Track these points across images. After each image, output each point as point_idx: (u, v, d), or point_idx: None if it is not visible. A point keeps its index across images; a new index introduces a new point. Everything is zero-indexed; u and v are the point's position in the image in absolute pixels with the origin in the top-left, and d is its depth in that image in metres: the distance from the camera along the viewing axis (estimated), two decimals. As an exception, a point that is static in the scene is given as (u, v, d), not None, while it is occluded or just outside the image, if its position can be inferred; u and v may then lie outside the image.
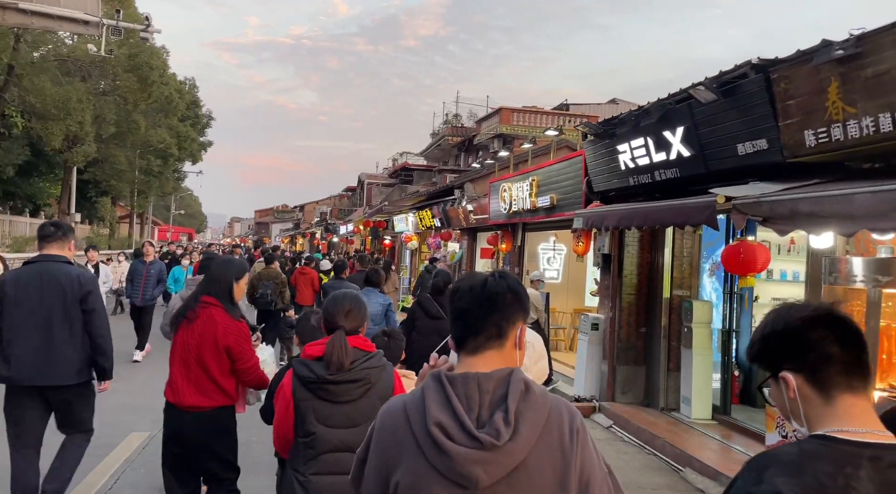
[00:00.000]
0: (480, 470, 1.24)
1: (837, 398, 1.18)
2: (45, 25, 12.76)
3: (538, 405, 1.30)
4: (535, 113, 26.05)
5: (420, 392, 1.36)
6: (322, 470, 2.46)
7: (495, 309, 1.38)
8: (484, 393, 1.30)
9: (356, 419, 2.46)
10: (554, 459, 1.29)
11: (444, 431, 1.27)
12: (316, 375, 2.44)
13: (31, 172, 26.76)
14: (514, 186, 10.63)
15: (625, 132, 6.74)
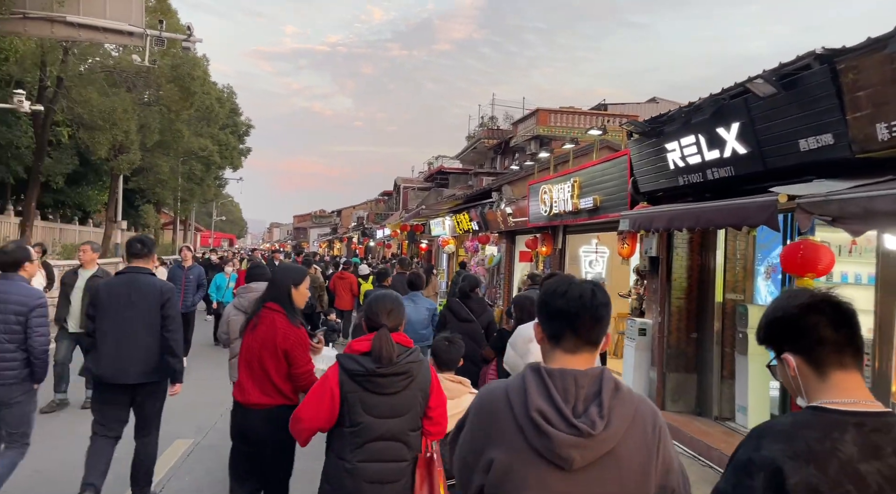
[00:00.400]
0: (576, 454, 1.42)
1: (830, 375, 1.35)
2: (92, 37, 13.08)
3: (627, 402, 1.50)
4: (572, 113, 25.69)
5: (521, 381, 1.52)
6: (369, 458, 2.62)
7: (600, 320, 1.58)
8: (580, 388, 1.48)
9: (399, 409, 2.65)
10: (639, 449, 1.48)
11: (544, 417, 1.44)
12: (365, 368, 2.61)
13: (80, 181, 27.59)
14: (554, 187, 10.40)
15: (674, 130, 6.47)
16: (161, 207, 40.27)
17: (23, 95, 10.71)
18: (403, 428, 2.66)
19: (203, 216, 65.89)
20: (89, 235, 29.53)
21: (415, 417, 2.71)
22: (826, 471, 1.24)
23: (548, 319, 1.60)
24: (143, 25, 12.88)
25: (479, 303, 6.01)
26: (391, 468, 2.64)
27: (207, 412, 6.76)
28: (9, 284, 3.97)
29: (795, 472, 1.24)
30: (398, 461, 2.66)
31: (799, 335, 1.39)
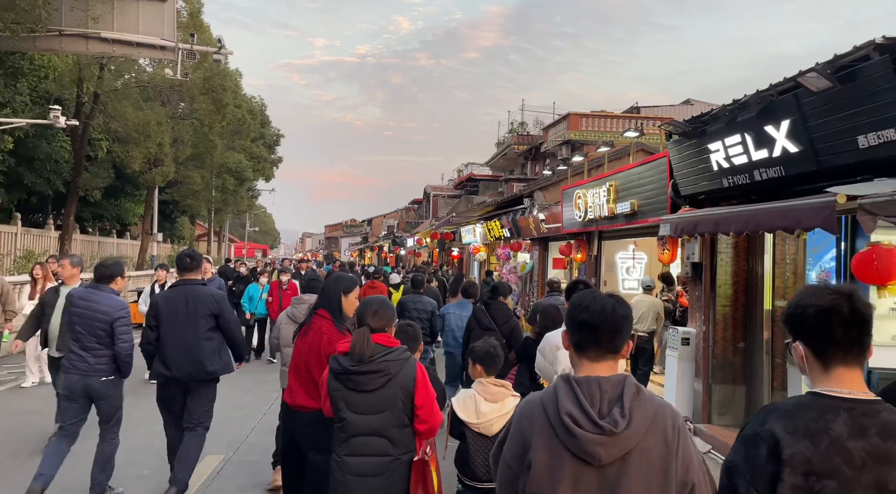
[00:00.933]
0: (601, 450, 1.61)
1: (833, 368, 1.56)
2: (126, 53, 13.30)
3: (647, 405, 1.68)
4: (604, 117, 25.26)
5: (553, 390, 1.72)
6: (353, 452, 2.80)
7: (620, 331, 1.75)
8: (604, 393, 1.67)
9: (379, 406, 2.78)
10: (659, 447, 1.64)
11: (573, 419, 1.64)
12: (342, 367, 2.81)
13: (117, 194, 28.21)
14: (589, 192, 10.11)
15: (717, 129, 6.15)
16: (196, 218, 41.02)
17: (59, 111, 10.90)
18: (385, 425, 2.79)
19: (237, 227, 66.86)
20: (127, 247, 30.16)
21: (397, 414, 2.81)
22: (818, 446, 1.49)
23: (573, 330, 1.81)
24: (175, 39, 13.04)
25: (502, 312, 5.98)
26: (374, 462, 2.79)
27: (239, 427, 6.66)
28: (99, 294, 4.59)
29: (792, 445, 1.50)
30: (381, 455, 2.79)
31: (812, 334, 1.59)
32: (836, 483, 1.49)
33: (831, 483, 1.49)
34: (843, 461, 1.49)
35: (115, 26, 12.70)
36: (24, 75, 16.73)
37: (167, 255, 32.47)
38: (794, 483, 1.50)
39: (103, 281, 4.66)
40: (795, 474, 1.50)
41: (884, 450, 1.49)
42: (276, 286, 10.42)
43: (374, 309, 2.95)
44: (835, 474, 1.49)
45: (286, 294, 10.07)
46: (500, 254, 17.48)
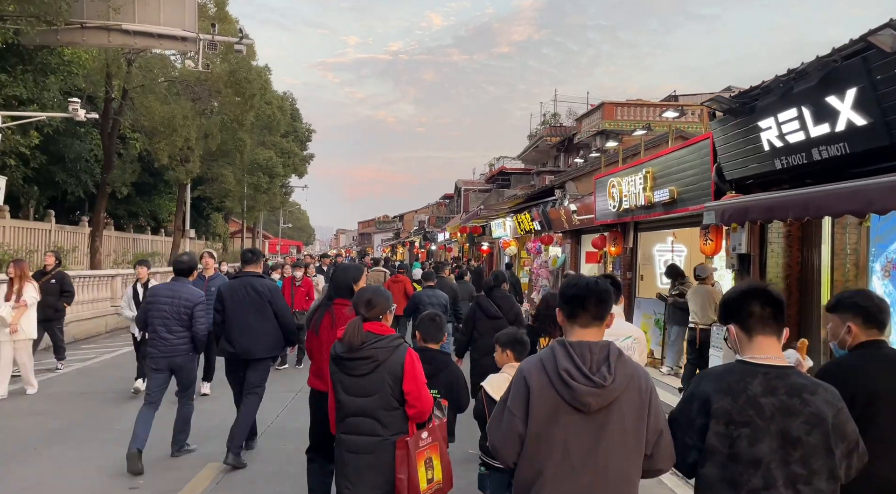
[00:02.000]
0: (592, 400, 2.01)
1: (755, 339, 2.03)
2: (147, 44, 13.12)
3: (627, 365, 2.09)
4: (640, 106, 24.30)
5: (550, 350, 2.12)
6: (348, 431, 3.02)
7: (603, 301, 2.16)
8: (593, 354, 2.07)
9: (368, 389, 2.97)
10: (635, 400, 2.06)
11: (569, 374, 2.03)
12: (336, 352, 3.04)
13: (150, 192, 28.45)
14: (623, 180, 9.46)
15: (769, 104, 5.49)
16: (229, 215, 41.32)
17: (77, 103, 10.75)
18: (374, 407, 2.98)
19: (272, 224, 67.47)
20: (161, 244, 30.42)
21: (385, 397, 2.97)
22: (737, 401, 1.95)
23: (565, 302, 2.17)
24: (196, 30, 12.79)
25: (505, 299, 6.04)
26: (365, 441, 2.98)
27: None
28: (181, 285, 5.48)
29: (718, 401, 1.97)
30: (371, 435, 2.98)
31: (737, 311, 2.06)
32: (749, 430, 1.91)
33: (745, 430, 1.92)
34: (756, 413, 1.91)
35: (136, 18, 12.50)
36: (53, 72, 16.77)
37: (200, 251, 32.76)
38: (718, 431, 1.94)
39: (182, 275, 5.58)
40: (719, 423, 1.94)
41: (789, 405, 1.91)
42: (288, 283, 9.78)
43: (366, 298, 3.11)
44: (748, 423, 1.92)
45: (299, 291, 9.55)
46: (530, 248, 16.87)
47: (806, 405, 1.90)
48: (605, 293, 2.15)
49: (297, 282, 9.73)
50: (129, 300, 7.59)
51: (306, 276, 10.10)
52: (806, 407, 1.90)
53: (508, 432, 2.10)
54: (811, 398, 1.91)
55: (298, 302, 9.35)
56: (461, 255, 27.73)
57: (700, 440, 1.97)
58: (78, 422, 6.59)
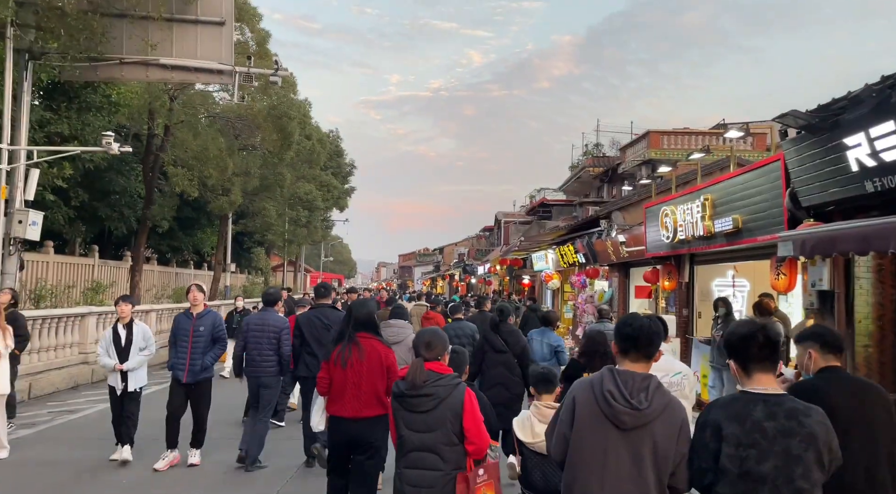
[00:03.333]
0: (628, 419, 2.39)
1: (753, 375, 2.36)
2: (184, 78, 13.10)
3: (664, 396, 2.44)
4: (688, 134, 23.38)
5: (600, 374, 2.52)
6: (409, 465, 3.23)
7: (652, 343, 2.53)
8: (635, 382, 2.44)
9: (431, 425, 3.19)
10: (668, 426, 2.39)
11: (611, 395, 2.43)
12: (399, 390, 3.28)
13: (193, 226, 28.76)
14: (678, 209, 8.68)
15: (858, 117, 4.74)
16: (271, 249, 41.61)
17: (111, 137, 10.67)
18: (436, 442, 3.14)
19: (314, 257, 68.01)
20: (203, 278, 30.60)
21: (447, 433, 3.14)
22: (744, 425, 2.27)
23: (620, 339, 2.58)
24: (233, 63, 12.71)
25: (511, 334, 6.12)
26: (427, 475, 3.14)
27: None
28: (269, 314, 6.36)
29: (727, 427, 2.29)
30: (433, 469, 3.14)
31: (737, 353, 2.41)
32: (756, 451, 2.25)
33: (753, 451, 2.25)
34: (761, 436, 2.25)
35: (173, 52, 12.50)
36: (98, 110, 17.08)
37: (241, 285, 32.81)
38: (729, 453, 2.28)
39: (269, 305, 6.48)
40: (729, 446, 2.28)
41: (788, 427, 2.25)
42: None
43: (426, 341, 3.35)
44: (755, 445, 2.26)
45: None
46: (574, 282, 16.04)
47: (802, 427, 2.23)
48: (655, 336, 2.53)
49: None
50: (109, 345, 6.28)
51: None
52: (802, 428, 2.23)
53: (557, 434, 2.58)
54: (806, 419, 2.24)
55: None
56: (501, 288, 26.96)
57: (714, 462, 2.29)
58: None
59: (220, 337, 6.30)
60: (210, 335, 6.21)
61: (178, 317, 6.38)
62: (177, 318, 6.38)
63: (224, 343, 6.44)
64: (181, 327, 6.22)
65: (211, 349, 6.22)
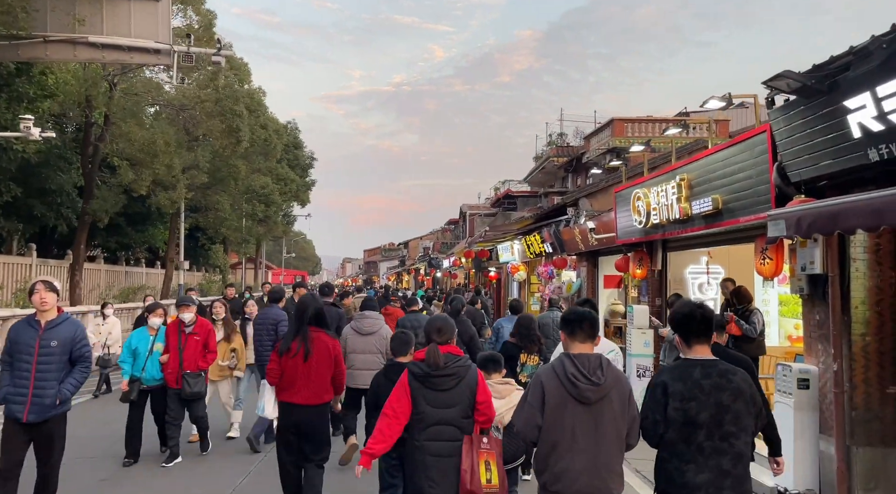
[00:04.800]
0: (591, 395, 2.95)
1: (692, 346, 2.98)
2: (117, 58, 12.03)
3: (614, 370, 3.05)
4: (652, 122, 23.06)
5: (560, 360, 3.05)
6: (430, 438, 3.57)
7: (594, 325, 3.15)
8: (590, 362, 2.99)
9: (451, 402, 3.59)
10: (620, 394, 3.01)
11: (575, 377, 2.96)
12: (423, 371, 3.61)
13: (143, 222, 27.27)
14: (651, 191, 8.11)
15: (863, 74, 4.17)
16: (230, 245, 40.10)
17: (31, 121, 9.61)
18: (455, 416, 3.57)
19: (277, 254, 66.29)
20: (157, 277, 29.14)
21: (464, 408, 3.60)
22: (686, 383, 2.86)
23: (567, 325, 3.15)
24: (171, 42, 11.70)
25: (462, 323, 7.00)
26: (447, 446, 3.56)
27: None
28: (271, 309, 7.23)
29: (672, 385, 2.87)
30: (451, 440, 3.56)
31: (679, 327, 3.02)
32: (695, 403, 2.82)
33: (693, 403, 2.82)
34: (699, 391, 2.84)
35: (104, 30, 11.46)
36: (31, 100, 15.79)
37: (197, 284, 31.40)
38: (675, 406, 2.84)
39: (274, 301, 7.40)
40: (675, 401, 2.85)
41: (721, 383, 2.85)
42: (173, 331, 6.41)
43: (437, 327, 3.82)
44: (694, 398, 2.83)
45: (192, 343, 6.32)
46: (541, 272, 15.47)
47: (731, 383, 2.86)
48: (595, 320, 3.17)
49: (187, 329, 6.40)
50: None
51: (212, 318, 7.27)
52: (731, 384, 2.86)
53: (528, 419, 3.03)
54: (734, 377, 2.89)
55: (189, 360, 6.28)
56: (467, 281, 26.33)
57: (664, 414, 2.87)
58: None
59: (83, 356, 4.50)
60: (67, 353, 4.42)
61: (15, 326, 4.48)
62: (14, 327, 4.47)
63: (87, 365, 4.54)
64: (21, 340, 4.36)
65: (69, 375, 4.42)
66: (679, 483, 2.79)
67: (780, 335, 9.32)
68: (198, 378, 6.33)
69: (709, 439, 2.77)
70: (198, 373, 6.34)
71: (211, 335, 6.59)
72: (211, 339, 6.57)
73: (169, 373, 6.30)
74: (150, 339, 6.39)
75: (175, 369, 6.27)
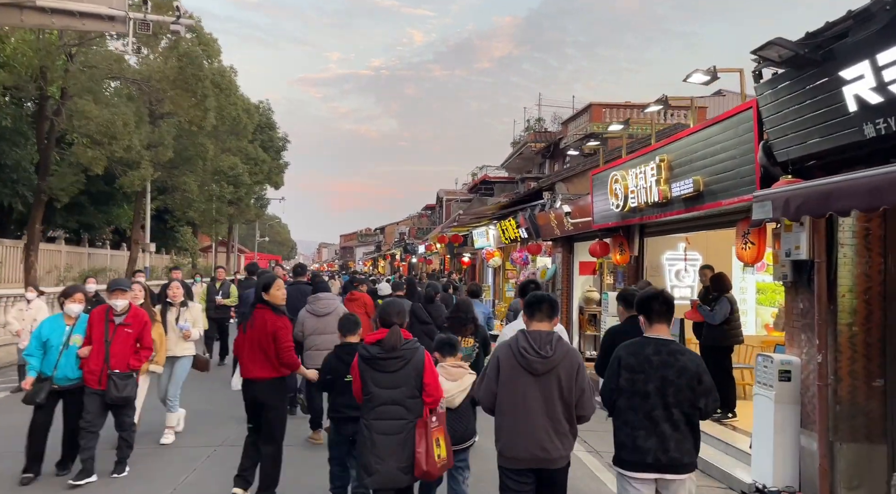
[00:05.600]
0: (539, 366, 3.31)
1: (653, 325, 3.41)
2: (67, 24, 11.23)
3: (563, 346, 3.40)
4: (630, 108, 22.77)
5: (516, 336, 3.43)
6: (378, 417, 3.76)
7: (553, 306, 3.53)
8: (542, 338, 3.35)
9: (398, 382, 3.78)
10: (569, 368, 3.34)
11: (525, 350, 3.33)
12: (371, 354, 3.82)
13: (108, 201, 26.26)
14: (629, 173, 7.75)
15: (862, 41, 3.81)
16: (199, 228, 39.08)
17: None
18: (402, 396, 3.77)
19: (250, 238, 65.14)
20: (121, 259, 28.20)
21: (410, 388, 3.79)
22: (638, 357, 3.31)
23: (528, 306, 3.54)
24: (126, 9, 10.97)
25: (436, 308, 7.17)
26: (394, 424, 3.75)
27: None
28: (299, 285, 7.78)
29: (626, 359, 3.34)
30: (398, 419, 3.76)
31: (644, 308, 3.43)
32: (643, 375, 3.27)
33: (641, 375, 3.27)
34: (648, 365, 3.28)
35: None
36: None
37: (165, 266, 30.49)
38: (626, 377, 3.31)
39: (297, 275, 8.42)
40: (626, 372, 3.32)
41: (668, 361, 3.27)
42: (98, 320, 5.41)
43: (396, 310, 3.98)
44: (643, 370, 3.28)
45: (123, 336, 5.37)
46: (516, 258, 15.13)
47: (677, 361, 3.28)
48: (553, 302, 3.55)
49: (118, 318, 5.40)
50: None
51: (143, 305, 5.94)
52: (677, 362, 3.27)
53: (486, 389, 3.47)
54: (682, 357, 3.31)
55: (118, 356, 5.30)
56: (442, 267, 25.94)
57: (616, 384, 3.33)
58: None
59: None
60: None
61: None
62: None
63: None
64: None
65: None
66: (631, 446, 3.27)
67: (757, 323, 9.10)
68: (128, 380, 5.28)
69: (655, 409, 3.23)
70: (128, 373, 5.31)
71: (146, 329, 5.53)
72: (146, 333, 5.52)
73: (89, 372, 5.22)
74: (65, 329, 5.34)
75: (99, 366, 5.20)
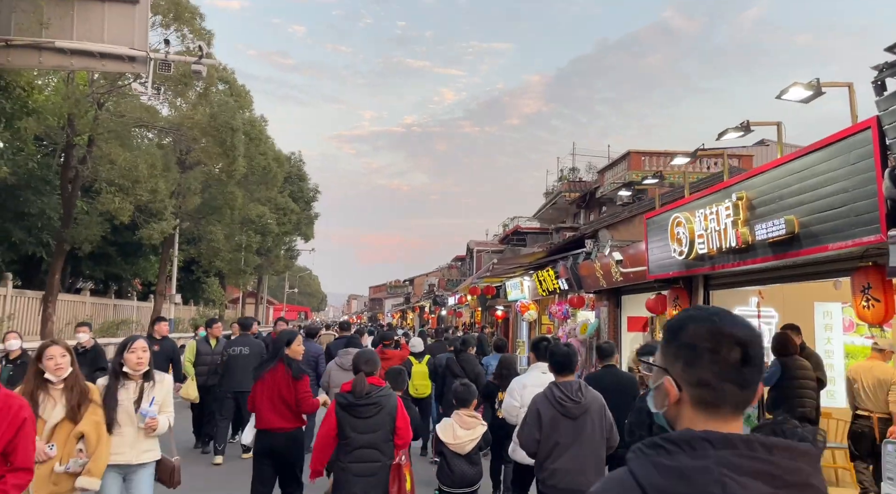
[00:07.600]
0: (575, 411, 3.98)
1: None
2: (87, 65, 10.90)
3: (591, 392, 4.10)
4: (670, 155, 21.81)
5: (550, 388, 4.08)
6: (355, 460, 4.03)
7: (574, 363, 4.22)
8: (572, 387, 4.04)
9: (374, 427, 4.07)
10: (598, 411, 4.04)
11: (562, 399, 4.00)
12: (347, 401, 4.10)
13: (136, 252, 26.01)
14: (696, 214, 6.69)
15: None
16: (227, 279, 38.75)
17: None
18: (377, 440, 4.07)
19: (281, 289, 65.02)
20: (147, 311, 27.75)
21: (385, 433, 4.10)
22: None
23: (553, 363, 4.22)
24: (147, 49, 10.58)
25: (467, 362, 7.40)
26: (369, 467, 4.04)
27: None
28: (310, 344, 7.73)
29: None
30: (374, 462, 4.06)
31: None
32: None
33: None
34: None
35: (74, 34, 10.35)
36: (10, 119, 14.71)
37: (190, 318, 29.96)
38: None
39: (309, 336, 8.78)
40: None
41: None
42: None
43: (365, 359, 4.32)
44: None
45: None
46: (554, 312, 13.96)
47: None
48: (575, 358, 4.18)
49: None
50: None
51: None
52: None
53: (528, 436, 3.98)
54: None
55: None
56: (473, 321, 24.74)
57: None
58: None
59: None
60: None
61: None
62: None
63: None
64: None
65: None
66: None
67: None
68: None
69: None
70: None
71: (24, 427, 2.83)
72: (22, 439, 2.82)
73: None
74: None
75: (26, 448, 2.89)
